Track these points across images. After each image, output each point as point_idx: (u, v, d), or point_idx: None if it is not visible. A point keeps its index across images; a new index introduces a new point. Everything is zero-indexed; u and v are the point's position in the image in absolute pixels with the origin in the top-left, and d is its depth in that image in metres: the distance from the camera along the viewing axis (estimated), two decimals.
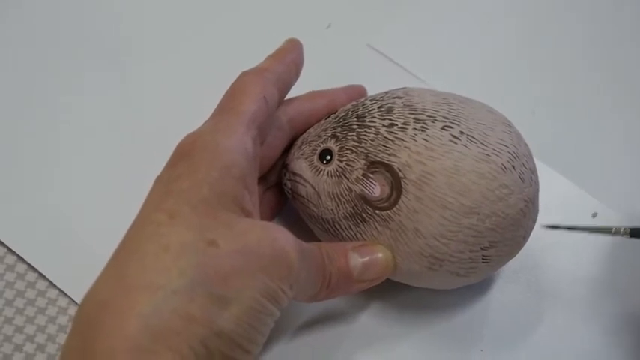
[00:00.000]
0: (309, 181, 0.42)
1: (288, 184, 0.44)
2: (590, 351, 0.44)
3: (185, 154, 0.36)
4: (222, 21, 0.57)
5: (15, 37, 0.55)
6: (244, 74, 0.41)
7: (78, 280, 0.35)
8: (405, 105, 0.41)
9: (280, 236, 0.35)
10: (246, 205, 0.36)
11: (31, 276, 0.45)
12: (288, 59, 0.43)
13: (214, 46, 0.55)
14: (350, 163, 0.41)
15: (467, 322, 0.45)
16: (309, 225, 0.44)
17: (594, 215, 0.48)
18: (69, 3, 0.57)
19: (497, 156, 0.40)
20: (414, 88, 0.43)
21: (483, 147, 0.40)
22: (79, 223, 0.47)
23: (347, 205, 0.41)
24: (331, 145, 0.42)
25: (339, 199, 0.41)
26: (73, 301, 0.45)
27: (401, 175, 0.40)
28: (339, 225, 0.42)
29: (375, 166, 0.40)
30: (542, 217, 0.43)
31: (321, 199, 0.42)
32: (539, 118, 0.53)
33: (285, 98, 0.44)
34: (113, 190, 0.48)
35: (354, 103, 0.44)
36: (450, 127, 0.40)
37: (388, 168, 0.40)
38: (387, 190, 0.40)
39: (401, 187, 0.40)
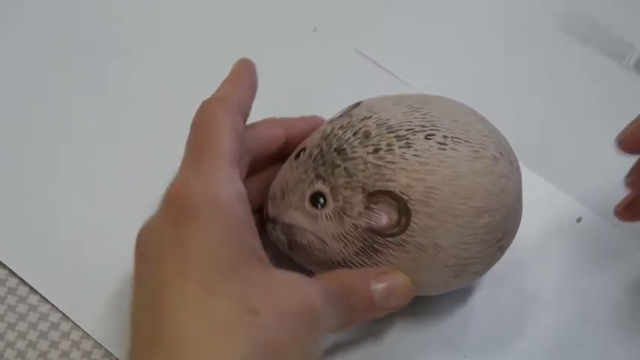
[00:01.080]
0: (308, 229, 0.40)
1: (282, 237, 0.42)
2: (576, 355, 0.44)
3: (186, 211, 0.35)
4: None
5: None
6: (209, 105, 0.39)
7: (59, 287, 0.35)
8: (378, 125, 0.40)
9: (307, 289, 0.36)
10: (259, 251, 0.36)
11: (12, 282, 0.45)
12: (246, 83, 0.42)
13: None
14: (347, 200, 0.39)
15: (450, 328, 0.44)
16: (313, 270, 0.42)
17: (579, 220, 0.48)
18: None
19: (484, 149, 0.39)
20: (372, 102, 0.42)
21: (469, 144, 0.39)
22: (63, 228, 0.47)
23: (356, 242, 0.39)
24: (320, 186, 0.40)
25: (346, 238, 0.39)
26: (55, 307, 0.44)
27: (405, 197, 0.38)
28: (352, 262, 0.40)
29: (375, 196, 0.39)
30: (528, 222, 0.43)
31: (326, 243, 0.40)
32: (524, 122, 0.52)
33: None
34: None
35: (320, 136, 0.41)
36: (433, 135, 0.39)
37: (390, 194, 0.39)
38: (394, 216, 0.39)
39: (408, 208, 0.38)
